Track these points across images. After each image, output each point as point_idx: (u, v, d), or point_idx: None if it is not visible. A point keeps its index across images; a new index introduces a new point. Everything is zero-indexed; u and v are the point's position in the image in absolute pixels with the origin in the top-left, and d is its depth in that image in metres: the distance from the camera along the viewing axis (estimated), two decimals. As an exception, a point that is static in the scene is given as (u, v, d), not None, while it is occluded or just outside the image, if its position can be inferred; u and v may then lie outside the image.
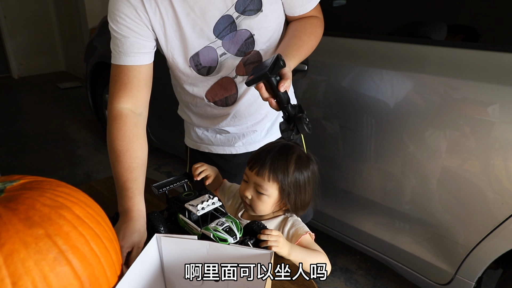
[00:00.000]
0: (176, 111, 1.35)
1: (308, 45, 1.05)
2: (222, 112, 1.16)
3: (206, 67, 1.06)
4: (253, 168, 0.97)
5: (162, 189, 0.97)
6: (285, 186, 0.95)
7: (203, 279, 0.76)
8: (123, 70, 1.01)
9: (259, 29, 1.02)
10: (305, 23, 1.08)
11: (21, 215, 0.57)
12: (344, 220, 1.76)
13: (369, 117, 1.52)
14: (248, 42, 1.04)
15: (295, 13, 1.07)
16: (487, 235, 1.31)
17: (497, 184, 1.26)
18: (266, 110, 1.17)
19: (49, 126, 3.93)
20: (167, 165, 3.05)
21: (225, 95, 1.12)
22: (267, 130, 1.23)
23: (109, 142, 0.98)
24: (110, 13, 1.00)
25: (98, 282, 0.61)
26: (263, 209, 0.99)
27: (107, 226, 0.69)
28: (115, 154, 0.95)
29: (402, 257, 1.60)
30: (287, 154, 0.97)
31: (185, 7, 0.97)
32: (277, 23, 1.06)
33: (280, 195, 0.97)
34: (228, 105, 1.14)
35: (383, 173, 1.56)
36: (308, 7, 1.07)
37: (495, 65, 1.26)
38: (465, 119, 1.30)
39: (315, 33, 1.08)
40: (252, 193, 0.98)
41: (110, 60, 1.06)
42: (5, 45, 5.64)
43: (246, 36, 1.02)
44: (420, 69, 1.39)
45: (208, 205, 0.88)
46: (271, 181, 0.95)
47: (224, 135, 1.23)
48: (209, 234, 0.83)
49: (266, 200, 0.97)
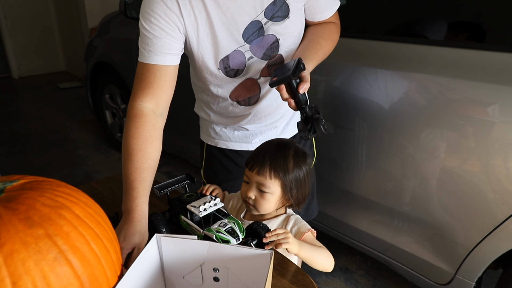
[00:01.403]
0: (176, 111, 1.35)
1: (325, 49, 1.12)
2: (244, 111, 1.20)
3: (234, 69, 1.10)
4: (253, 168, 0.99)
5: (163, 191, 0.97)
6: (286, 182, 0.97)
7: (203, 279, 0.76)
8: (150, 69, 1.01)
9: (284, 34, 1.07)
10: (323, 28, 1.15)
11: (21, 215, 0.57)
12: (344, 220, 1.76)
13: (369, 117, 1.52)
14: (273, 46, 1.09)
15: (315, 18, 1.15)
16: (487, 235, 1.31)
17: (497, 184, 1.26)
18: (285, 109, 1.22)
19: (49, 126, 3.93)
20: (167, 165, 3.05)
21: (249, 95, 1.16)
22: (283, 127, 1.28)
23: (124, 139, 0.99)
24: (143, 12, 1.00)
25: (98, 282, 0.61)
26: (268, 207, 1.00)
27: (107, 226, 0.69)
28: (128, 152, 0.96)
29: (402, 257, 1.60)
30: (284, 151, 0.99)
31: (218, 12, 1.01)
32: (300, 28, 1.12)
33: (283, 192, 0.99)
34: (251, 105, 1.19)
35: (383, 173, 1.56)
36: (327, 13, 1.14)
37: (495, 65, 1.26)
38: (465, 119, 1.30)
39: (332, 38, 1.15)
40: (255, 193, 0.99)
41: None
42: (5, 45, 5.63)
43: (272, 40, 1.08)
44: (420, 69, 1.39)
45: (210, 206, 0.88)
46: (272, 178, 0.97)
47: (242, 132, 1.27)
48: (211, 236, 0.83)
49: (270, 198, 0.98)
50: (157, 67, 1.01)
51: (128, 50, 2.64)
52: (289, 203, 1.03)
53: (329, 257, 0.96)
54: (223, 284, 0.75)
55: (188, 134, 2.48)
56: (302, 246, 0.90)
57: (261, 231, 0.87)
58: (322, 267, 0.95)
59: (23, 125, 3.96)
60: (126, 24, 2.70)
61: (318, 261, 0.93)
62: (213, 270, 0.74)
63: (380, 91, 1.48)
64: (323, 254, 0.95)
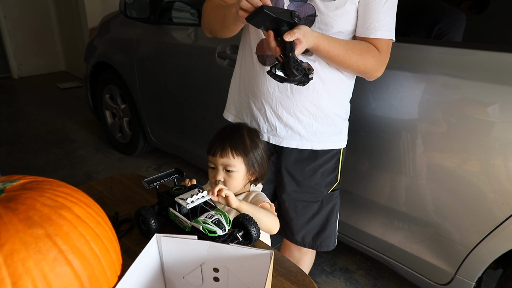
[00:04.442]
0: (176, 111, 1.35)
1: (348, 52, 1.06)
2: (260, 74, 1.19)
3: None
4: (215, 153, 1.10)
5: (152, 184, 0.99)
6: (248, 157, 1.10)
7: (203, 279, 0.76)
8: None
9: (323, 14, 1.07)
10: (362, 42, 1.10)
11: (21, 215, 0.57)
12: (344, 220, 1.76)
13: (368, 117, 1.52)
14: (309, 19, 1.08)
15: (358, 32, 1.10)
16: (487, 235, 1.31)
17: (497, 184, 1.26)
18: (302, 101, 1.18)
19: (49, 126, 3.93)
20: (167, 165, 3.05)
21: (268, 53, 1.17)
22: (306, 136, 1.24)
23: (204, 9, 1.21)
24: None
25: (98, 282, 0.61)
26: (236, 185, 1.12)
27: (107, 226, 0.69)
28: (212, 8, 1.17)
29: (402, 257, 1.60)
30: (238, 131, 1.13)
31: None
32: (341, 22, 1.08)
33: (246, 167, 1.12)
34: (265, 65, 1.18)
35: (383, 173, 1.56)
36: (371, 32, 1.08)
37: (495, 65, 1.26)
38: (465, 119, 1.30)
39: (364, 54, 1.08)
40: (223, 175, 1.11)
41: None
42: (5, 45, 5.63)
43: (310, 12, 1.07)
44: (420, 69, 1.39)
45: (197, 198, 0.90)
46: (235, 157, 1.10)
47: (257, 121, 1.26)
48: (198, 227, 0.85)
49: (236, 176, 1.11)
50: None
51: (128, 50, 2.64)
52: (254, 177, 1.15)
53: (272, 218, 1.06)
54: (223, 284, 0.75)
55: (189, 135, 2.48)
56: (243, 203, 0.99)
57: (247, 223, 0.88)
58: (265, 226, 1.03)
59: (23, 125, 3.96)
60: (126, 24, 2.70)
61: (259, 219, 0.98)
62: (213, 270, 0.74)
63: (379, 91, 1.48)
64: (265, 214, 1.04)
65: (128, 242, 0.97)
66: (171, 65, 2.36)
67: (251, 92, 1.24)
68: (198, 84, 2.21)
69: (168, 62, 2.37)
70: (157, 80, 2.51)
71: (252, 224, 0.88)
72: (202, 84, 2.18)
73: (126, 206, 1.14)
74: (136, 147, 3.01)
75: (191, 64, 2.21)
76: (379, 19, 1.06)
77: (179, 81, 2.35)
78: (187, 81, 2.29)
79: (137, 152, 3.08)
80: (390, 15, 1.08)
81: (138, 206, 1.11)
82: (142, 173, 2.88)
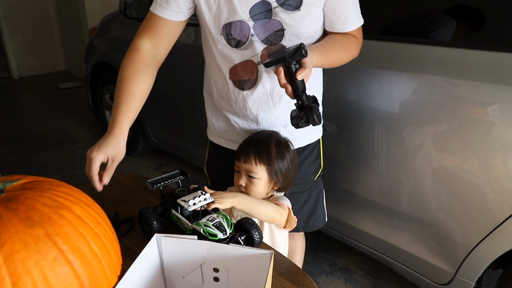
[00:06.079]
0: (175, 112, 1.35)
1: (337, 54, 1.09)
2: (237, 95, 1.18)
3: (236, 39, 1.09)
4: (240, 158, 1.11)
5: (156, 185, 0.99)
6: (271, 167, 1.09)
7: (203, 279, 0.76)
8: (153, 18, 1.12)
9: (291, 26, 1.06)
10: (342, 36, 1.12)
11: (21, 215, 0.57)
12: (344, 220, 1.76)
13: (369, 117, 1.52)
14: (277, 34, 1.08)
15: (334, 29, 1.12)
16: (487, 235, 1.31)
17: (497, 184, 1.26)
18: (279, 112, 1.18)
19: (49, 126, 3.93)
20: (167, 165, 3.05)
21: (245, 78, 1.14)
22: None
23: (119, 71, 1.08)
24: None
25: (98, 282, 0.61)
26: (258, 191, 1.11)
27: (107, 226, 0.69)
28: (119, 80, 1.05)
29: (402, 257, 1.60)
30: (266, 140, 1.12)
31: None
32: (310, 28, 1.09)
33: (269, 176, 1.11)
34: (244, 90, 1.16)
35: (383, 173, 1.56)
36: (348, 27, 1.11)
37: (495, 65, 1.26)
38: (465, 119, 1.30)
39: (348, 47, 1.11)
40: (245, 180, 1.11)
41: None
42: (5, 45, 5.63)
43: (278, 28, 1.07)
44: (420, 69, 1.39)
45: (200, 201, 0.90)
46: (258, 164, 1.09)
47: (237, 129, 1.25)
48: (199, 229, 0.85)
49: (258, 183, 1.10)
50: (159, 19, 1.10)
51: (128, 50, 2.64)
52: (277, 187, 1.14)
53: (270, 207, 1.04)
54: (223, 284, 0.75)
55: (189, 135, 2.48)
56: (240, 200, 0.96)
57: (249, 227, 0.87)
58: (265, 216, 1.04)
59: (23, 125, 3.96)
60: (126, 24, 2.70)
61: (258, 210, 0.99)
62: (213, 270, 0.74)
63: (379, 92, 1.48)
64: (263, 204, 1.03)
65: (128, 242, 0.97)
66: (171, 65, 2.36)
67: (232, 113, 1.23)
68: (198, 84, 2.21)
69: (168, 62, 2.37)
70: (157, 80, 2.50)
71: (254, 228, 0.87)
72: (202, 84, 2.18)
73: (126, 206, 1.14)
74: (136, 147, 3.00)
75: (191, 64, 2.21)
76: (350, 12, 1.09)
77: (179, 81, 2.35)
78: (187, 81, 2.28)
79: (137, 152, 3.08)
80: (355, 3, 1.11)
81: (138, 206, 1.11)
82: (142, 173, 2.88)
